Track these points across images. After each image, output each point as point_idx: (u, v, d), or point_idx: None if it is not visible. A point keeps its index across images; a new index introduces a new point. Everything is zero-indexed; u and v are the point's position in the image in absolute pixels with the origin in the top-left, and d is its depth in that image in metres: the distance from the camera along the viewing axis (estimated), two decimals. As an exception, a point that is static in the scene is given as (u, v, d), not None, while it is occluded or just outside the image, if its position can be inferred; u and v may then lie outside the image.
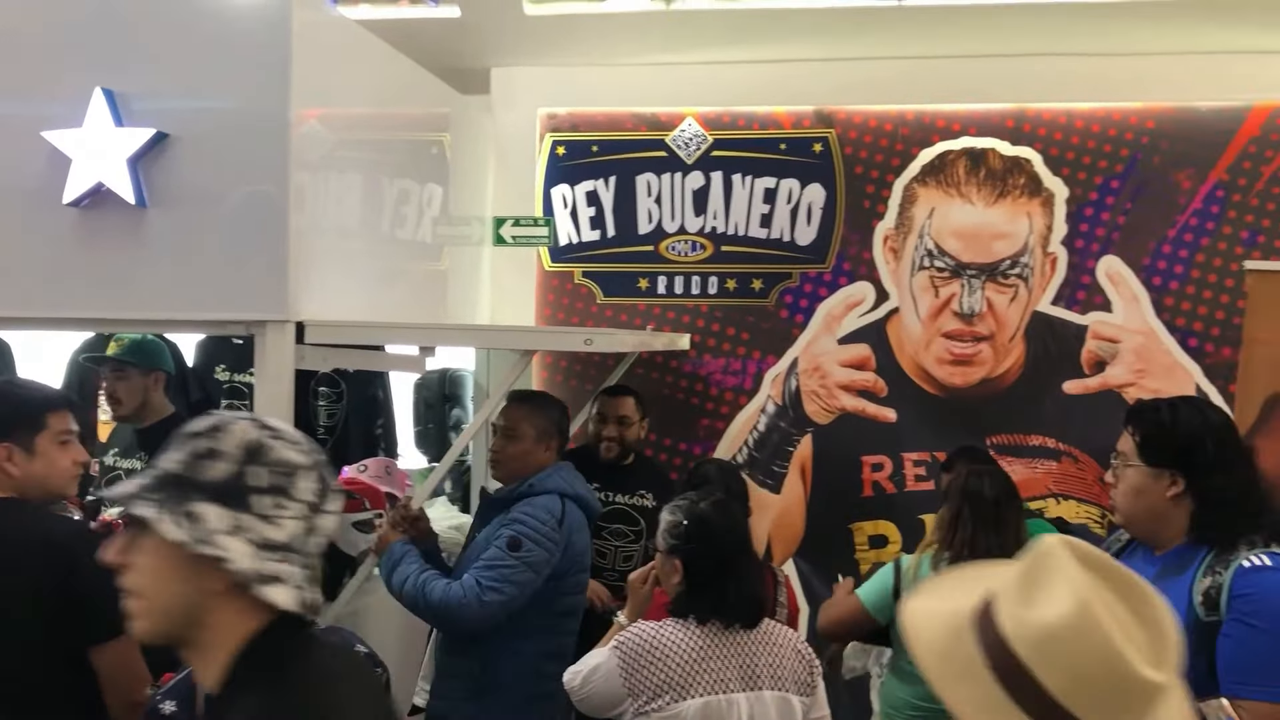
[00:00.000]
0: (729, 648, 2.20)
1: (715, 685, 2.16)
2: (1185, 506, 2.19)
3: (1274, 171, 4.09)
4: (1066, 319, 4.23)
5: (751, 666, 2.19)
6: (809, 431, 4.38)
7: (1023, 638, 1.28)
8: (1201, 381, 4.11)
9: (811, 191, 4.38)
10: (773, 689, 2.19)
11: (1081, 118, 4.22)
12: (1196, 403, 2.38)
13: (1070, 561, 1.31)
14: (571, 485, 3.13)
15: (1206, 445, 2.19)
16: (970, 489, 3.06)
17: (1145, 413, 2.30)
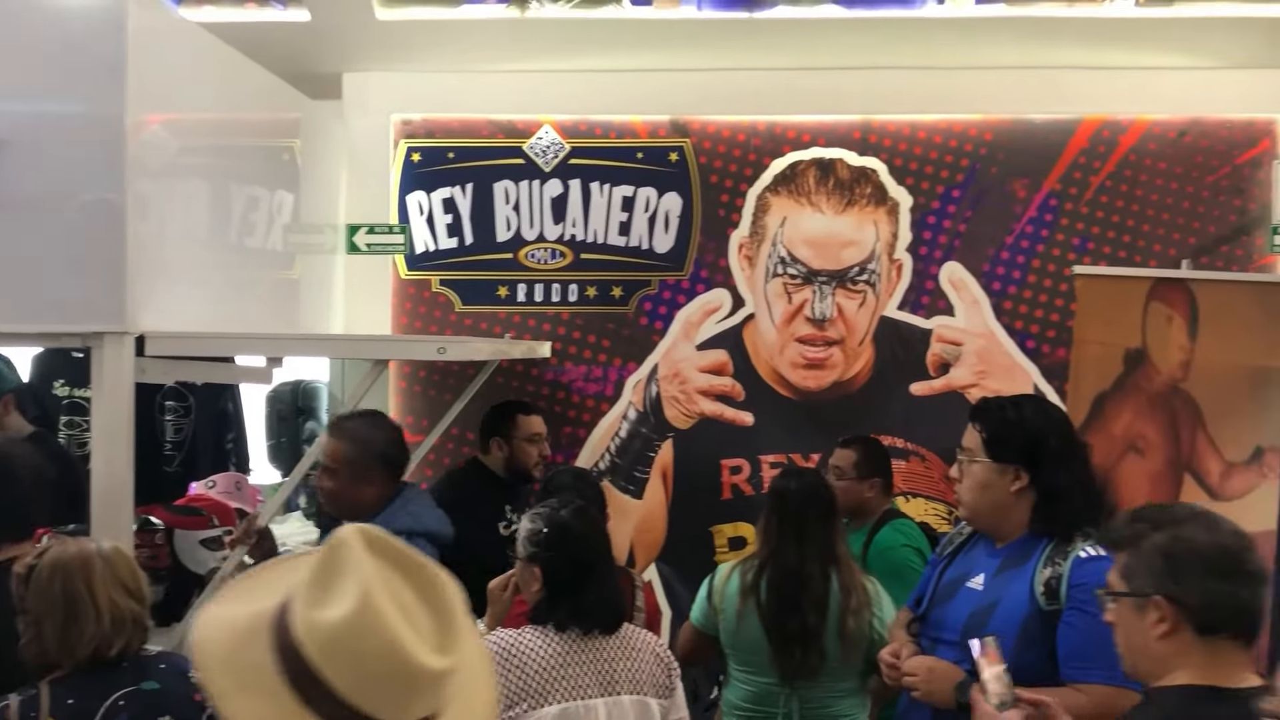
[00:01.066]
0: (587, 654, 2.21)
1: (573, 691, 2.16)
2: (1028, 500, 2.29)
3: (1102, 181, 4.33)
4: (912, 323, 4.39)
5: (610, 672, 2.21)
6: (670, 437, 4.43)
7: (312, 639, 1.25)
8: (1039, 381, 4.32)
9: (669, 200, 4.44)
10: (631, 693, 2.20)
11: (924, 129, 4.39)
12: (1038, 401, 2.51)
13: (361, 552, 1.28)
14: (420, 521, 2.78)
15: (1049, 441, 2.30)
16: (777, 494, 3.07)
17: (991, 410, 2.40)
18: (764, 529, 3.06)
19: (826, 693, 2.95)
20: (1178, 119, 4.32)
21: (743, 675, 3.05)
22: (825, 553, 2.98)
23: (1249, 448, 3.64)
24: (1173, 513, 1.85)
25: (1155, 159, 4.31)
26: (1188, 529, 1.78)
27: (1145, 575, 1.77)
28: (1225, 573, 1.73)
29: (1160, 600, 1.74)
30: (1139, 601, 1.77)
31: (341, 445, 2.79)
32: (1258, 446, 3.66)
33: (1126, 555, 1.82)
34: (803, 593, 2.89)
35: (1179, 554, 1.75)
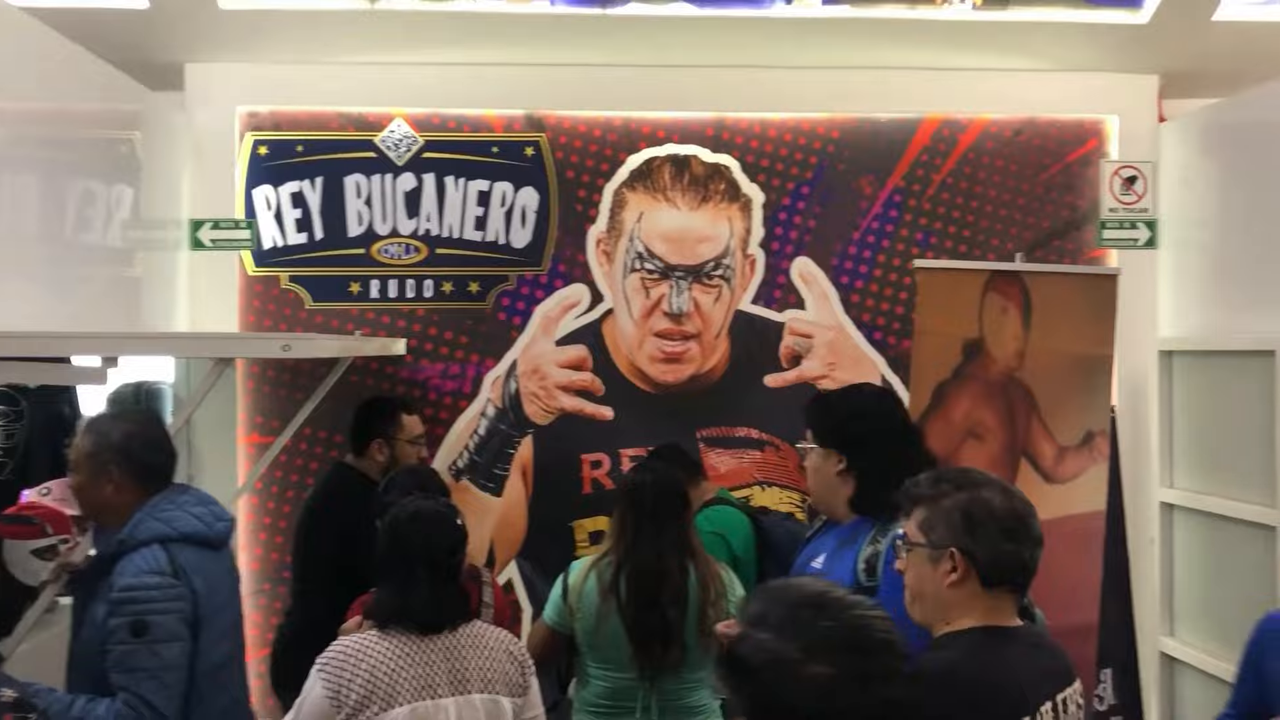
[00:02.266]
0: (435, 653, 2.19)
1: (423, 691, 2.14)
2: (850, 482, 2.43)
3: (943, 178, 4.50)
4: (766, 317, 4.48)
5: (461, 670, 2.19)
6: (529, 433, 4.42)
7: None
8: (886, 372, 4.46)
9: (525, 195, 4.42)
10: (483, 691, 2.19)
11: (774, 127, 4.48)
12: (860, 388, 2.63)
13: None
14: (172, 525, 2.53)
15: (858, 425, 2.45)
16: (629, 492, 3.11)
17: (816, 400, 2.59)
18: (618, 525, 3.09)
19: (682, 684, 3.00)
20: (1013, 119, 4.51)
21: (600, 672, 3.07)
22: (681, 546, 3.03)
23: (1080, 432, 3.84)
24: (972, 476, 2.03)
25: (992, 157, 4.50)
26: (985, 492, 1.98)
27: (944, 529, 1.96)
28: (1013, 534, 1.94)
29: (955, 552, 1.94)
30: (935, 553, 1.96)
31: (83, 440, 2.62)
32: (1087, 430, 3.86)
33: (927, 510, 2.00)
34: (662, 587, 2.93)
35: (976, 514, 1.95)
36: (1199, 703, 4.18)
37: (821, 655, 1.39)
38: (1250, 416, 3.85)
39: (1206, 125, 4.34)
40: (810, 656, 1.39)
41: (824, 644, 1.40)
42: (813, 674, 1.38)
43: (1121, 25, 4.24)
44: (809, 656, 1.39)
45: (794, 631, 1.42)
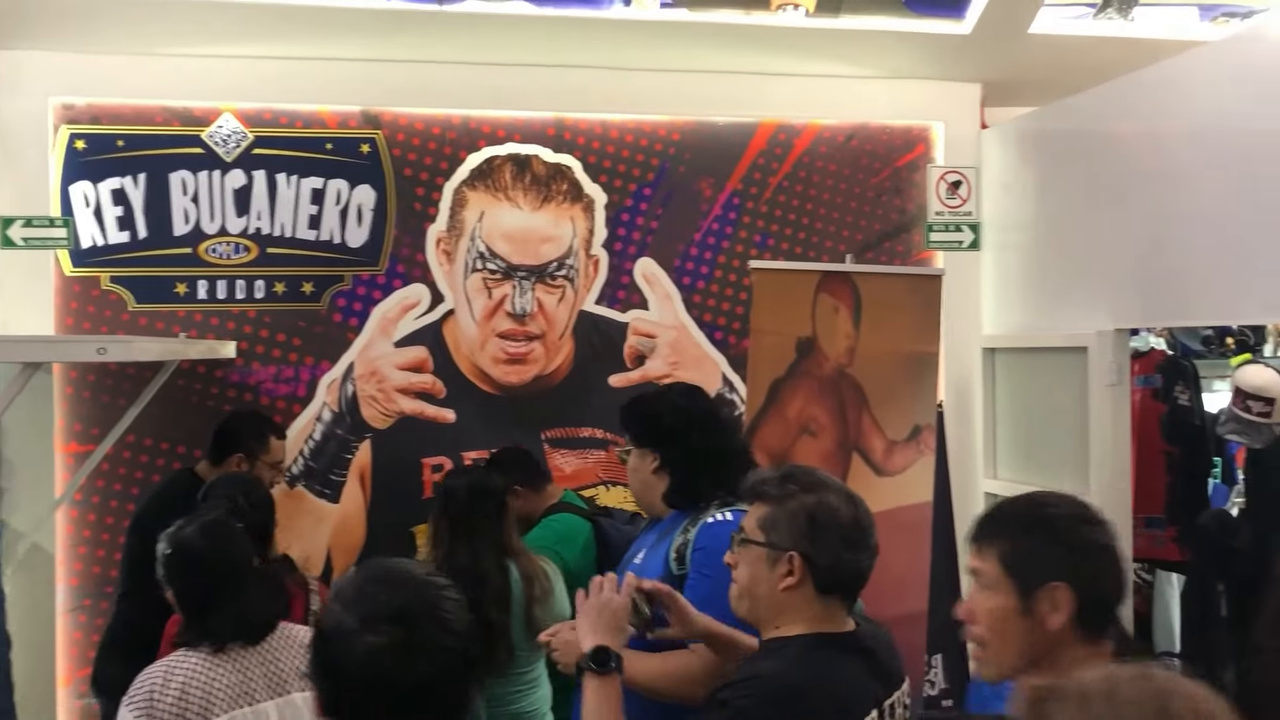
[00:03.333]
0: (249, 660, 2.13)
1: (239, 699, 2.08)
2: (665, 478, 2.48)
3: (780, 181, 4.59)
4: (610, 317, 4.49)
5: (278, 673, 2.13)
6: (367, 437, 4.32)
7: None
8: (727, 371, 4.54)
9: (361, 193, 4.32)
10: (303, 690, 2.13)
11: (616, 128, 4.50)
12: (670, 387, 2.69)
13: None
14: None
15: (668, 421, 2.50)
16: (443, 497, 3.12)
17: (630, 403, 2.63)
18: (434, 531, 3.08)
19: (511, 687, 2.98)
20: (845, 124, 4.65)
21: None
22: (498, 547, 3.03)
23: (908, 426, 3.97)
24: (819, 479, 2.01)
25: (826, 161, 4.62)
26: (832, 498, 1.96)
27: (787, 531, 1.93)
28: (854, 543, 1.93)
29: (795, 556, 1.92)
30: (774, 554, 1.93)
31: None
32: (915, 425, 4.00)
33: (770, 508, 1.97)
34: (482, 590, 2.91)
35: (821, 519, 1.93)
36: (1022, 684, 4.37)
37: (374, 626, 1.46)
38: (1065, 409, 4.06)
39: (1024, 133, 4.55)
40: (365, 627, 1.46)
41: (378, 615, 1.47)
42: (365, 643, 1.45)
43: (945, 35, 4.41)
44: (364, 627, 1.46)
45: (357, 604, 1.49)
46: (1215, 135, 3.48)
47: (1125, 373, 3.85)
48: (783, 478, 2.00)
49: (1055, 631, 1.66)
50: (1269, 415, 3.00)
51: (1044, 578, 1.66)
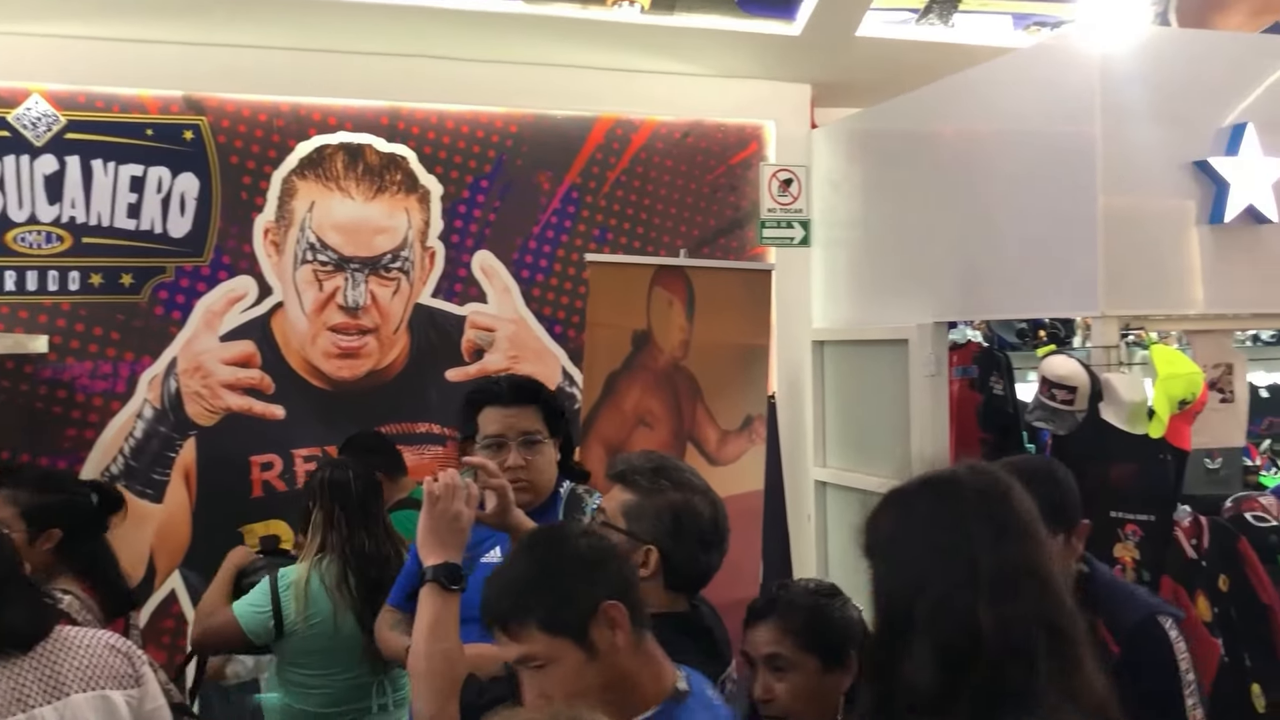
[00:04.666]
0: (23, 666, 2.02)
1: (13, 706, 1.98)
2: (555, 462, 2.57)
3: (617, 176, 4.63)
4: (447, 310, 4.45)
5: (55, 675, 2.03)
6: (192, 434, 4.16)
7: None
8: (567, 365, 4.55)
9: (184, 181, 4.16)
10: (84, 690, 2.05)
11: (452, 119, 4.45)
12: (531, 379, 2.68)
13: None
14: None
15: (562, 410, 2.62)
16: (336, 485, 3.08)
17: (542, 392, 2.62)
18: (325, 521, 3.04)
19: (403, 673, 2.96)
20: (681, 121, 4.72)
21: (323, 680, 3.01)
22: (388, 532, 3.09)
23: (740, 417, 4.06)
24: (688, 479, 2.04)
25: (663, 157, 4.68)
26: (698, 500, 1.99)
27: (651, 524, 1.95)
28: (710, 546, 1.98)
29: (653, 550, 1.94)
30: (632, 544, 1.94)
31: None
32: (747, 415, 4.09)
33: (637, 498, 1.98)
34: (386, 573, 2.89)
35: (685, 519, 1.96)
36: (851, 664, 4.54)
37: None
38: (888, 399, 4.22)
39: (851, 133, 4.71)
40: None
41: None
42: None
43: (776, 36, 4.52)
44: None
45: None
46: (1024, 138, 3.67)
47: (943, 364, 4.02)
48: (654, 470, 2.02)
49: None
50: (1072, 403, 3.18)
51: None
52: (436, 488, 2.01)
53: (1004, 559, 1.46)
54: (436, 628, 1.92)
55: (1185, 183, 3.40)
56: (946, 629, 1.44)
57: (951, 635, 1.43)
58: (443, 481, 2.02)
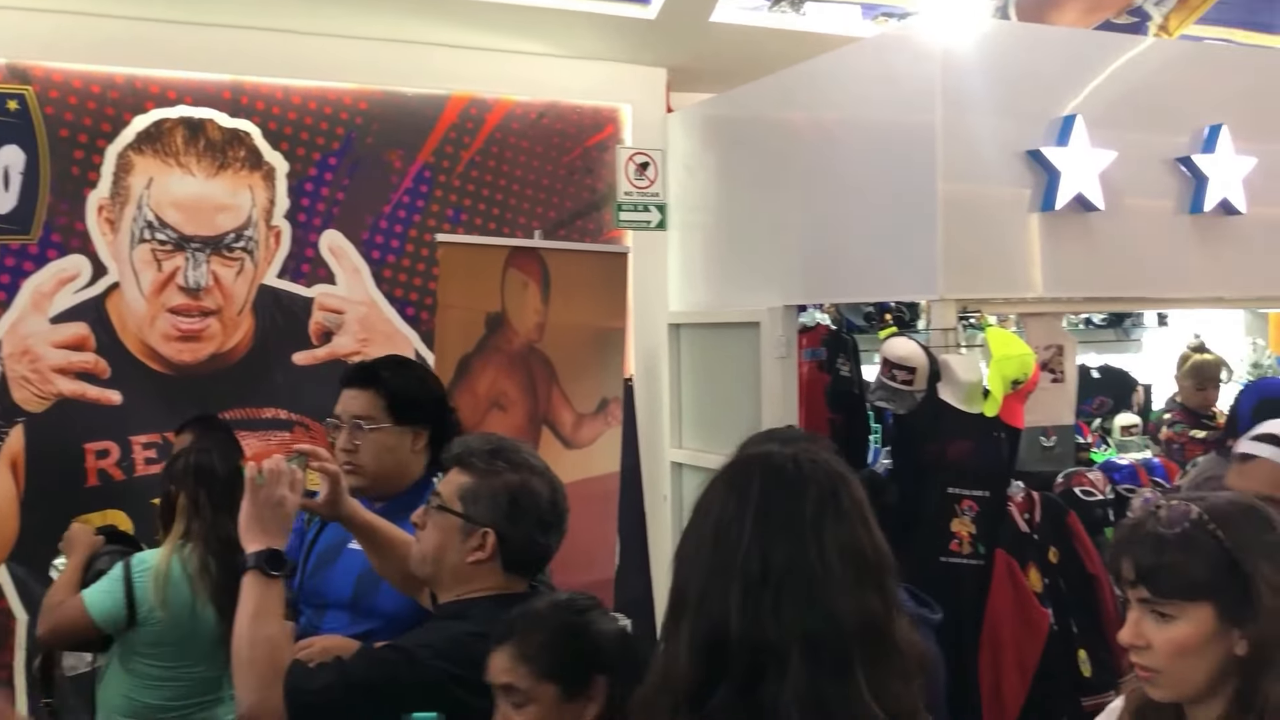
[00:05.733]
0: None
1: None
2: (425, 454, 2.53)
3: (471, 156, 4.57)
4: (293, 292, 4.32)
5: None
6: (20, 422, 3.94)
7: None
8: (420, 347, 4.47)
9: (8, 154, 3.92)
10: None
11: (299, 94, 4.31)
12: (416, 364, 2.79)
13: None
14: None
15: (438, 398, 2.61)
16: (201, 469, 3.01)
17: (385, 376, 2.57)
18: (190, 507, 2.96)
19: None
20: (537, 102, 4.68)
21: (174, 673, 2.95)
22: None
23: (596, 400, 4.07)
24: (525, 459, 2.05)
25: (518, 138, 4.63)
26: (535, 481, 2.00)
27: (487, 507, 1.96)
28: (548, 528, 2.00)
29: (490, 533, 1.95)
30: (469, 527, 1.95)
31: None
32: (603, 398, 4.11)
33: (473, 480, 1.98)
34: None
35: (523, 501, 1.97)
36: (705, 642, 4.61)
37: None
38: (741, 381, 4.29)
39: (706, 118, 4.75)
40: None
41: None
42: None
43: (632, 19, 4.52)
44: None
45: None
46: (869, 126, 3.77)
47: (793, 346, 4.10)
48: (491, 452, 2.02)
49: None
50: (911, 383, 3.28)
51: None
52: (259, 473, 1.98)
53: (773, 557, 1.40)
54: (259, 615, 1.89)
55: (1020, 171, 3.54)
56: (704, 618, 1.41)
57: (709, 625, 1.39)
58: (266, 466, 1.98)
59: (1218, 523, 1.56)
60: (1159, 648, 1.55)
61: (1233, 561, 1.54)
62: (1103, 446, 5.06)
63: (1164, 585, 1.55)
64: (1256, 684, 1.52)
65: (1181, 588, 1.54)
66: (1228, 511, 1.59)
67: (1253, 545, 1.56)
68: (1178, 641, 1.54)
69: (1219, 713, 1.56)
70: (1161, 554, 1.56)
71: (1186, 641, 1.54)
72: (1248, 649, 1.53)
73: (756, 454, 1.54)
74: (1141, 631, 1.57)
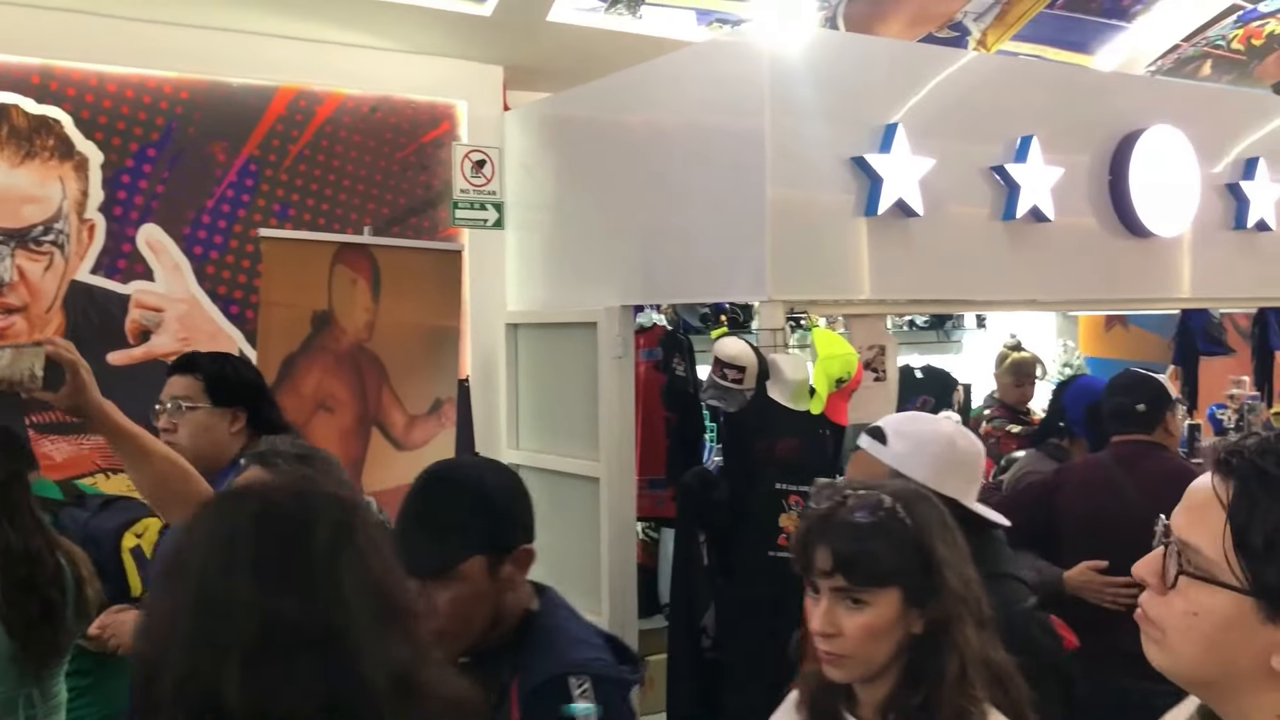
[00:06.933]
0: None
1: None
2: (243, 437, 2.69)
3: (300, 149, 4.43)
4: (108, 288, 4.11)
5: None
6: None
7: None
8: (244, 347, 4.30)
9: None
10: None
11: (114, 81, 4.11)
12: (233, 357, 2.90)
13: None
14: None
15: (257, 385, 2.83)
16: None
17: (204, 362, 2.77)
18: None
19: (57, 680, 2.71)
20: (370, 95, 4.57)
21: None
22: (36, 524, 2.76)
23: (429, 400, 4.01)
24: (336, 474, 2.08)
25: (350, 132, 4.52)
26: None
27: None
28: None
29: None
30: None
31: None
32: (436, 398, 4.05)
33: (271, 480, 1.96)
34: (37, 570, 2.61)
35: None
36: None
37: None
38: (579, 381, 4.29)
39: (543, 117, 4.74)
40: None
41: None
42: None
43: (468, 15, 4.48)
44: None
45: None
46: (701, 130, 3.82)
47: (629, 346, 4.13)
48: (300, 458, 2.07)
49: None
50: (741, 382, 3.34)
51: None
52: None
53: (279, 615, 1.15)
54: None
55: (845, 177, 3.65)
56: (188, 705, 1.13)
57: (198, 711, 1.13)
58: None
59: (906, 510, 1.65)
60: (850, 634, 1.61)
61: (919, 546, 1.63)
62: (926, 443, 5.24)
63: (860, 573, 1.61)
64: (927, 660, 1.61)
65: (876, 574, 1.61)
66: (910, 499, 1.68)
67: (933, 529, 1.66)
68: (870, 626, 1.61)
69: (887, 689, 1.64)
70: (859, 542, 1.62)
71: (877, 625, 1.61)
72: (924, 627, 1.62)
73: (243, 491, 1.36)
74: (834, 619, 1.62)
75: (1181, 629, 1.13)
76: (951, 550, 1.67)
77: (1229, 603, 1.10)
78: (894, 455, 2.19)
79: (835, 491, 1.69)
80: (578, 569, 4.29)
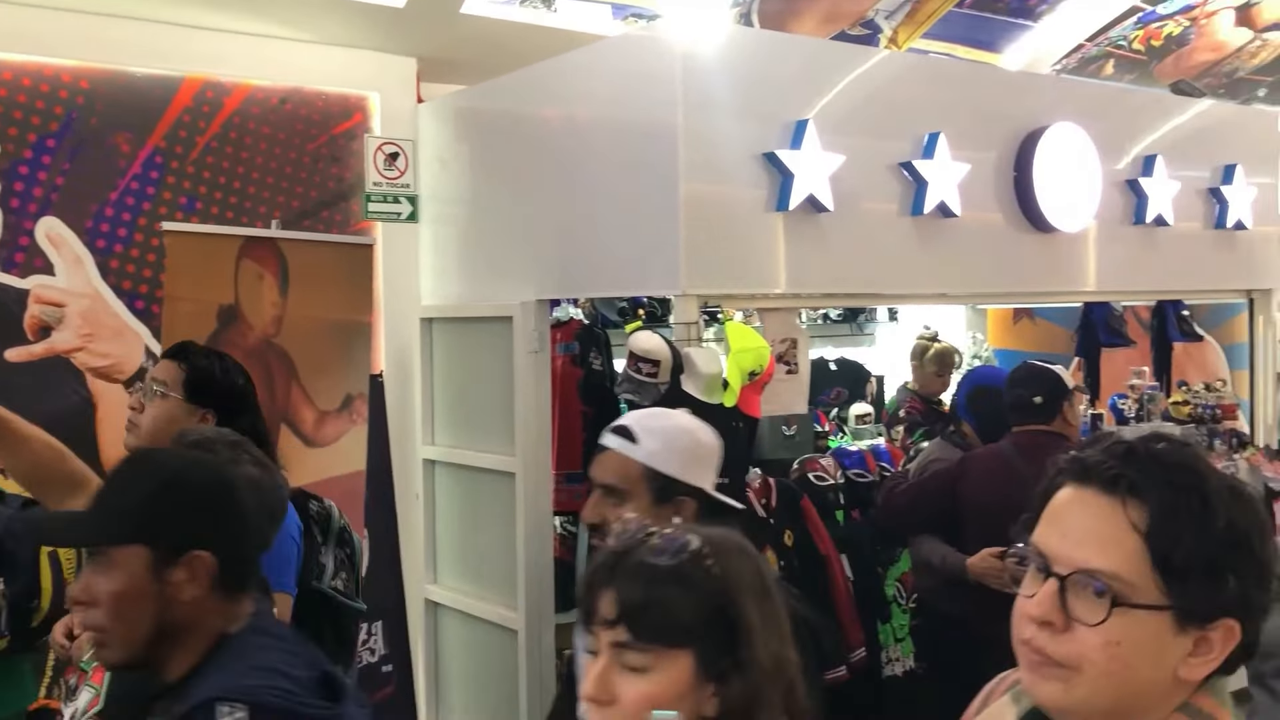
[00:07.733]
0: None
1: None
2: None
3: (208, 141, 4.34)
4: (6, 283, 3.98)
5: None
6: None
7: None
8: (151, 343, 4.21)
9: None
10: None
11: (10, 69, 3.98)
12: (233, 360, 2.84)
13: None
14: None
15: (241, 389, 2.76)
16: None
17: (196, 355, 2.73)
18: None
19: None
20: (279, 87, 4.50)
21: None
22: None
23: (340, 396, 3.96)
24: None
25: (259, 123, 4.44)
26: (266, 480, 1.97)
27: None
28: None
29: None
30: None
31: None
32: (348, 394, 4.00)
33: None
34: None
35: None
36: (459, 640, 4.57)
37: None
38: (495, 376, 4.26)
39: (458, 110, 4.70)
40: None
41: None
42: None
43: (381, 6, 4.42)
44: None
45: None
46: (615, 124, 3.83)
47: (546, 340, 4.12)
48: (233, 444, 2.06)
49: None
50: (655, 375, 3.36)
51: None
52: None
53: None
54: None
55: (757, 173, 3.68)
56: None
57: None
58: None
59: (717, 558, 1.37)
60: (626, 705, 1.31)
61: (725, 604, 1.35)
62: (839, 435, 5.34)
63: (647, 626, 1.32)
64: None
65: (666, 630, 1.32)
66: (725, 548, 1.40)
67: (745, 587, 1.38)
68: (651, 697, 1.30)
69: None
70: (650, 588, 1.33)
71: (659, 697, 1.30)
72: (718, 710, 1.34)
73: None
74: (608, 685, 1.32)
75: (1102, 662, 1.10)
76: (766, 618, 1.38)
77: (1150, 623, 1.10)
78: (647, 453, 2.16)
79: (640, 528, 1.42)
80: (494, 564, 4.28)
